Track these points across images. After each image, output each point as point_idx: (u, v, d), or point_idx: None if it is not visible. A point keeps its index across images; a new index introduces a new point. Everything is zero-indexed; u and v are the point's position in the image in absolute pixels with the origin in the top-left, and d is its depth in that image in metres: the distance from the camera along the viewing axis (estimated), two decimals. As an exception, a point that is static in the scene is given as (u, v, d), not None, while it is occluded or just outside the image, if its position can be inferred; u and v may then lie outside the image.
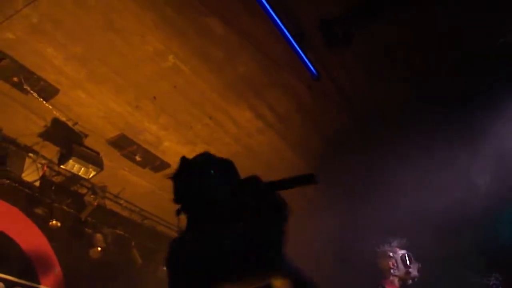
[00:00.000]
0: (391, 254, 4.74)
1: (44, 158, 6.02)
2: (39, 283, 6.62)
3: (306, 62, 5.04)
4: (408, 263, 4.70)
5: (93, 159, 5.83)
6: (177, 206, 2.39)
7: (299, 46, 4.88)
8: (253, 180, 2.28)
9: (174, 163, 6.49)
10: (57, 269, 6.92)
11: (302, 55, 4.95)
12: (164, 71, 5.09)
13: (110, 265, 7.22)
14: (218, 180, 2.37)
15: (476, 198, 5.89)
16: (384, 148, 6.30)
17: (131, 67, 4.99)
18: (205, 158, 2.47)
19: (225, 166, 2.47)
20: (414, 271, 4.72)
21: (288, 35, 4.74)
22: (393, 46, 5.11)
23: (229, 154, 6.32)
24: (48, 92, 5.22)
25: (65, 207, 6.34)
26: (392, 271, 4.71)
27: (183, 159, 2.43)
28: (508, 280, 4.75)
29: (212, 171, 2.38)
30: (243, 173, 6.87)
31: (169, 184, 7.04)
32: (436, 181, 6.11)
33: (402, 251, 4.77)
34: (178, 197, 2.43)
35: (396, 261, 4.73)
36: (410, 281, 4.76)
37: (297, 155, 6.64)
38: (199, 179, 2.36)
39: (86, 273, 7.08)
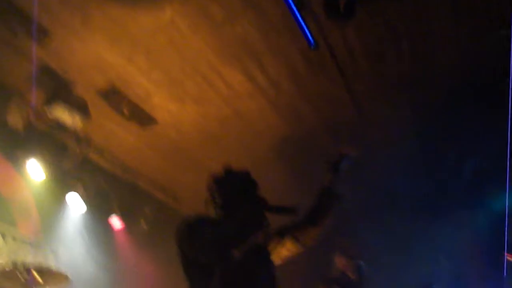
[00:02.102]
0: None
1: (30, 103, 5.91)
2: (16, 229, 6.60)
3: (305, 30, 4.97)
4: None
5: (80, 108, 5.74)
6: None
7: (299, 14, 4.82)
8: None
9: (161, 119, 6.45)
10: (35, 216, 6.91)
11: (302, 22, 4.89)
12: (162, 24, 4.96)
13: (90, 216, 7.24)
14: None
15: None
16: (377, 125, 6.35)
17: (128, 17, 4.87)
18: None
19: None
20: None
21: (290, 0, 4.68)
22: (394, 22, 5.07)
23: (217, 115, 6.36)
24: (39, 36, 5.09)
25: (47, 155, 6.24)
26: None
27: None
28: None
29: None
30: (231, 137, 6.91)
31: (154, 140, 7.05)
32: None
33: None
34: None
35: None
36: None
37: (286, 124, 6.61)
38: None
39: (64, 221, 7.09)
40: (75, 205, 6.90)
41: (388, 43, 5.34)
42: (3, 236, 6.36)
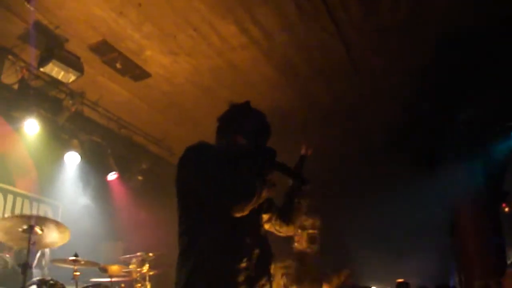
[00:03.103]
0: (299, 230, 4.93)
1: (24, 61, 5.90)
2: (14, 186, 6.69)
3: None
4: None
5: (74, 64, 5.73)
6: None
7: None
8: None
9: (154, 72, 6.45)
10: (33, 173, 6.99)
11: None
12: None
13: (86, 171, 7.31)
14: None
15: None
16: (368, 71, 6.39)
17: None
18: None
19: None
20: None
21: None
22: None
23: (211, 68, 6.36)
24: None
25: (42, 111, 6.26)
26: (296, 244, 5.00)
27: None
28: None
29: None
30: (224, 88, 6.92)
31: (148, 94, 7.07)
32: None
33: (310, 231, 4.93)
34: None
35: (301, 237, 4.97)
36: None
37: (279, 74, 6.62)
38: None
39: (61, 176, 7.18)
40: (72, 159, 6.96)
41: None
42: (3, 193, 6.47)
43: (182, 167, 2.59)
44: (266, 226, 2.87)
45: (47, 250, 5.99)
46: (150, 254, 6.19)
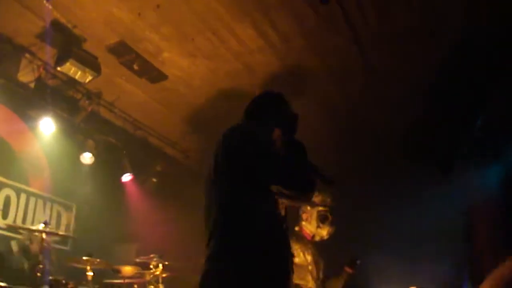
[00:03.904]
0: (308, 207, 4.74)
1: (41, 60, 5.92)
2: (28, 185, 6.71)
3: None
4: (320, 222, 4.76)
5: (91, 64, 5.75)
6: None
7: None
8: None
9: (171, 75, 6.45)
10: (47, 173, 7.00)
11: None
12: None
13: (101, 172, 7.32)
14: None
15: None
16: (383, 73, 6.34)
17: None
18: None
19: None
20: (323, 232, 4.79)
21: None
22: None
23: (228, 71, 6.35)
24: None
25: (58, 111, 6.27)
26: (303, 222, 4.81)
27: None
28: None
29: None
30: (241, 92, 6.91)
31: (164, 96, 7.08)
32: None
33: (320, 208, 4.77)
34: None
35: (310, 215, 4.78)
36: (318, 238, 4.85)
37: (295, 79, 6.59)
38: None
39: (75, 177, 7.19)
40: (87, 160, 6.96)
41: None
42: (16, 192, 6.49)
43: (239, 149, 2.55)
44: None
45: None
46: (166, 263, 6.16)
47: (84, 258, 5.32)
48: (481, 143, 7.24)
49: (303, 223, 4.77)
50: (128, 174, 7.51)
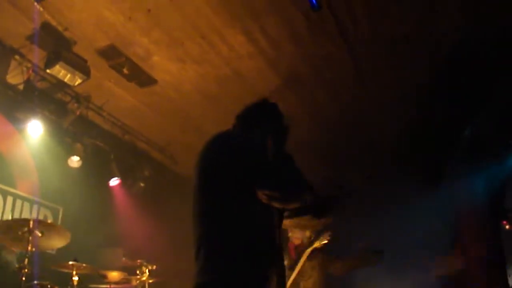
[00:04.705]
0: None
1: (30, 61, 5.88)
2: (15, 188, 6.65)
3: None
4: None
5: (81, 67, 5.71)
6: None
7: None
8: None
9: (161, 79, 6.44)
10: (34, 175, 6.94)
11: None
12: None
13: (88, 176, 7.27)
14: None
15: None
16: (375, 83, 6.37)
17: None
18: None
19: None
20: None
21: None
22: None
23: (218, 76, 6.35)
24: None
25: (46, 113, 6.23)
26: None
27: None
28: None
29: None
30: (230, 98, 6.90)
31: (153, 100, 7.04)
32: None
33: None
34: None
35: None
36: None
37: (285, 85, 6.60)
38: None
39: (63, 180, 7.13)
40: (74, 163, 6.91)
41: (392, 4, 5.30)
42: (3, 195, 6.42)
43: (232, 155, 2.51)
44: None
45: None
46: (153, 267, 6.13)
47: (70, 262, 5.26)
48: (467, 153, 7.31)
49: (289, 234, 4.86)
50: (115, 178, 7.47)
